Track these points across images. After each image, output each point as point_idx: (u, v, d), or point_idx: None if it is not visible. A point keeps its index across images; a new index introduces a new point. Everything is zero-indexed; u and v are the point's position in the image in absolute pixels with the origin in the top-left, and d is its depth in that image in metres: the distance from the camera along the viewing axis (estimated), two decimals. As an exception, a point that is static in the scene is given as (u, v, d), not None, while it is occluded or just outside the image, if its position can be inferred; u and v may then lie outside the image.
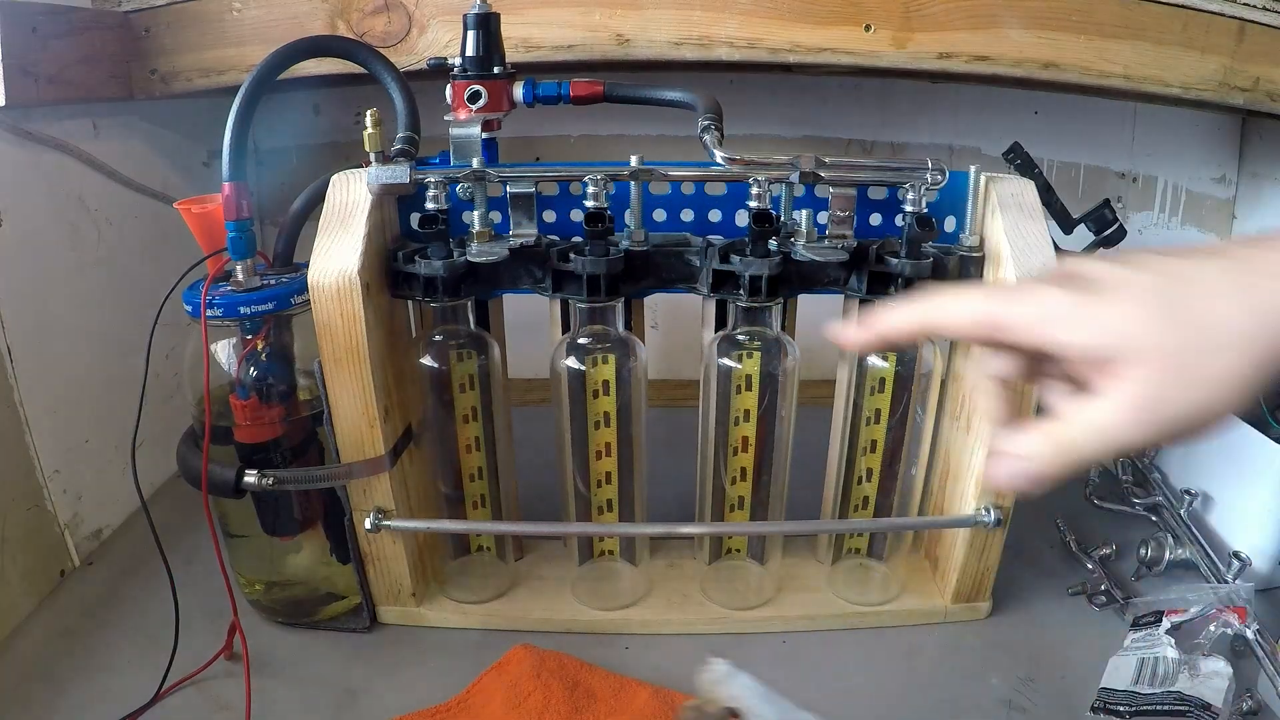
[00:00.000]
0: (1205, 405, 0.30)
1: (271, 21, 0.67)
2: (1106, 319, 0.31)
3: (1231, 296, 0.29)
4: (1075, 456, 0.32)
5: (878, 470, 0.55)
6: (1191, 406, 0.30)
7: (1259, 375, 0.29)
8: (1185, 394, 0.30)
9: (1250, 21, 0.68)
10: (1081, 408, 0.31)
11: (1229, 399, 0.29)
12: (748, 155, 0.48)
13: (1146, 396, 0.30)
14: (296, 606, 0.57)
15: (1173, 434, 0.30)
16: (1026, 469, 0.32)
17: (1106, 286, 0.31)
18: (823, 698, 0.51)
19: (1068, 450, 0.32)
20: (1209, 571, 0.57)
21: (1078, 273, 0.32)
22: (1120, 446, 0.31)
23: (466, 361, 0.53)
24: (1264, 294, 0.29)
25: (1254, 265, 0.30)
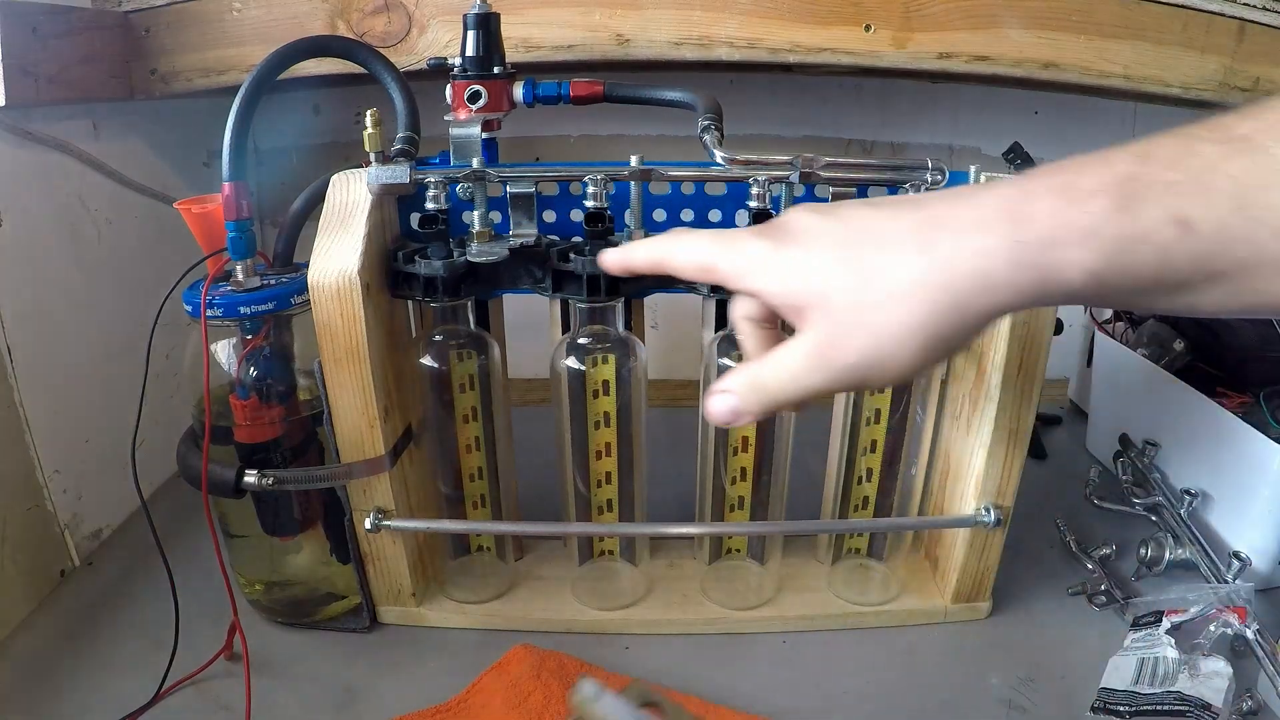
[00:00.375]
0: (880, 353, 0.30)
1: (271, 21, 0.67)
2: (794, 268, 0.32)
3: (911, 248, 0.30)
4: (765, 395, 0.33)
5: (878, 470, 0.55)
6: (866, 354, 0.30)
7: (937, 326, 0.29)
8: (859, 341, 0.30)
9: (1250, 21, 0.68)
10: (775, 350, 0.33)
11: (906, 349, 0.30)
12: (748, 155, 0.48)
13: (822, 343, 0.31)
14: (296, 606, 0.57)
15: (852, 380, 0.31)
16: (728, 403, 0.34)
17: (800, 237, 0.32)
18: (823, 698, 0.51)
19: (759, 389, 0.33)
20: (1209, 571, 0.57)
21: (782, 223, 0.33)
22: (804, 389, 0.32)
23: (466, 361, 0.53)
24: (944, 248, 0.29)
25: (941, 219, 0.30)
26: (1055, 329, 0.48)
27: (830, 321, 0.31)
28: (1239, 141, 0.26)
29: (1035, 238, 0.28)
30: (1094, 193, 0.27)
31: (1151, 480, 0.67)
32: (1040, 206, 0.28)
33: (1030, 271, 0.28)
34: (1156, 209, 0.26)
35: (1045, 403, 0.91)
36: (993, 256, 0.28)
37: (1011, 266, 0.28)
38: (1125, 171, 0.27)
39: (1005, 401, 0.49)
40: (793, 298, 0.32)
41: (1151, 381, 0.70)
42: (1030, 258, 0.28)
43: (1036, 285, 0.28)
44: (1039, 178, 0.29)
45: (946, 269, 0.29)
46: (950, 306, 0.29)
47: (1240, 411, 0.61)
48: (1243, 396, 0.66)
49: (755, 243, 0.33)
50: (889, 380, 0.31)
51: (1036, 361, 0.48)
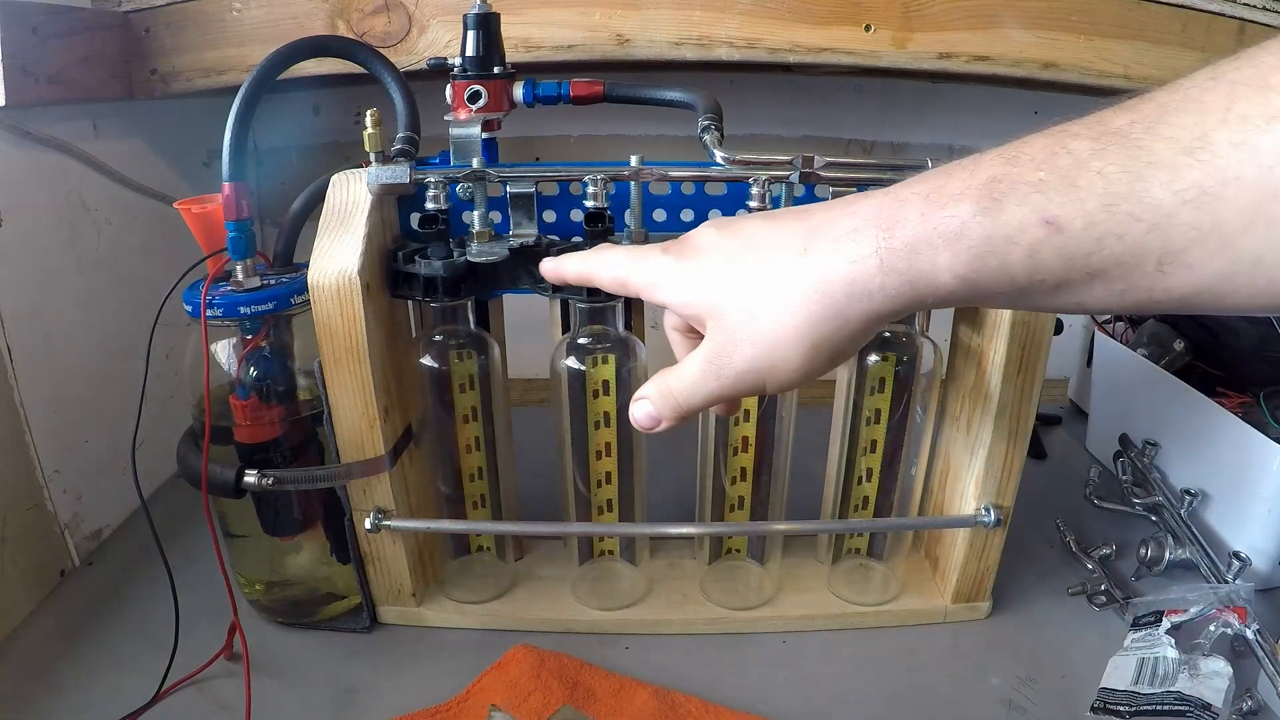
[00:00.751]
0: (768, 359, 0.31)
1: (271, 21, 0.67)
2: (692, 281, 0.33)
3: (792, 258, 0.31)
4: (674, 401, 0.35)
5: (878, 470, 0.55)
6: (755, 360, 0.32)
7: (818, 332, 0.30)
8: (747, 349, 0.32)
9: (1250, 21, 0.68)
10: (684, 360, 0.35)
11: (791, 355, 0.31)
12: (748, 155, 0.48)
13: (716, 351, 0.33)
14: (296, 606, 0.57)
15: (745, 386, 0.33)
16: (646, 409, 0.36)
17: (699, 252, 0.34)
18: (823, 698, 0.51)
19: (667, 395, 0.35)
20: (1209, 571, 0.57)
21: (686, 239, 0.35)
22: (705, 395, 0.34)
23: (466, 361, 0.53)
24: (820, 256, 0.30)
25: (819, 228, 0.31)
26: (1055, 329, 0.48)
27: (722, 331, 0.32)
28: (1112, 136, 0.25)
29: (902, 243, 0.28)
30: (958, 196, 0.27)
31: (1151, 480, 0.67)
32: (908, 212, 0.28)
33: (899, 276, 0.28)
34: (1022, 209, 0.26)
35: (1045, 403, 0.91)
36: (863, 263, 0.29)
37: (883, 273, 0.29)
38: (991, 173, 0.27)
39: (1005, 401, 0.49)
40: (692, 309, 0.34)
41: (1151, 381, 0.70)
42: (898, 263, 0.28)
43: (907, 289, 0.29)
44: (912, 184, 0.29)
45: (823, 277, 0.30)
46: (829, 314, 0.30)
47: (1240, 411, 0.61)
48: (1243, 396, 0.66)
49: (661, 259, 0.35)
50: (782, 385, 0.33)
51: (1036, 361, 0.48)
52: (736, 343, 0.32)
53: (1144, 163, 0.24)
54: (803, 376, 0.32)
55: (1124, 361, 0.74)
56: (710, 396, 0.34)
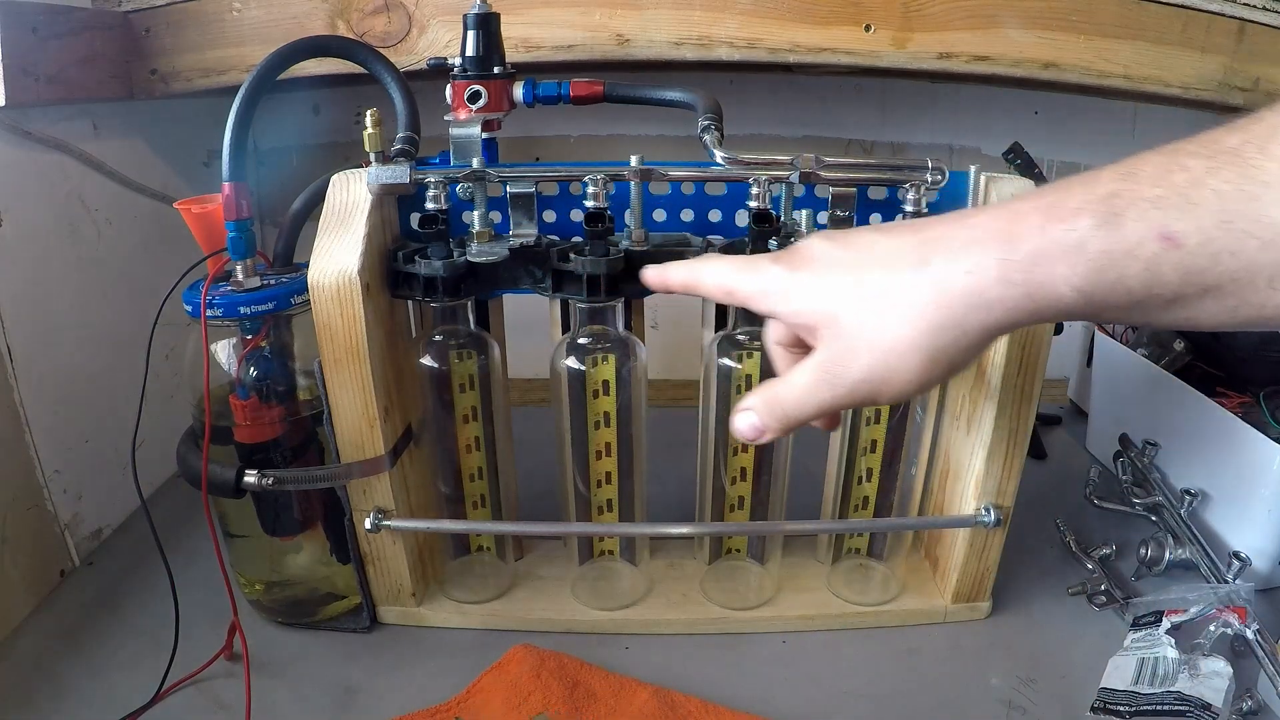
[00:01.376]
0: (884, 369, 0.32)
1: (271, 21, 0.67)
2: (806, 293, 0.34)
3: (910, 269, 0.31)
4: (781, 411, 0.35)
5: (878, 470, 0.55)
6: (871, 370, 0.32)
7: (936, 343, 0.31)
8: (864, 359, 0.32)
9: (1250, 21, 0.68)
10: (792, 370, 0.35)
11: (908, 364, 0.31)
12: (748, 155, 0.48)
13: (830, 360, 0.33)
14: (296, 606, 0.57)
15: (860, 396, 0.33)
16: (749, 420, 0.36)
17: (812, 262, 0.34)
18: (823, 698, 0.51)
19: (774, 405, 0.35)
20: (1209, 571, 0.57)
21: (797, 249, 0.35)
22: (816, 405, 0.34)
23: (466, 361, 0.53)
24: (939, 267, 0.31)
25: (937, 240, 0.31)
26: (1055, 329, 0.48)
27: (837, 340, 0.33)
28: (1226, 155, 0.26)
29: (1022, 255, 0.29)
30: (1078, 210, 0.28)
31: (1151, 480, 0.67)
32: (1028, 225, 0.29)
33: (1018, 288, 0.29)
34: (1141, 224, 0.27)
35: (1045, 403, 0.91)
36: (983, 274, 0.29)
37: (1002, 284, 0.29)
38: (1110, 189, 0.28)
39: (1005, 401, 0.49)
40: (804, 318, 0.34)
41: (1151, 381, 0.70)
42: (1019, 275, 0.29)
43: (1027, 302, 0.29)
44: (1029, 199, 0.30)
45: (941, 287, 0.30)
46: (947, 324, 0.30)
47: (1240, 411, 0.61)
48: (1243, 396, 0.66)
49: (772, 268, 0.35)
50: (896, 396, 0.33)
51: (1036, 361, 0.48)
52: (853, 352, 0.32)
53: (1258, 182, 0.25)
54: (917, 387, 0.32)
55: (1124, 361, 0.74)
56: (822, 406, 0.34)
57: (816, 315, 0.33)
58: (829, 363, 0.33)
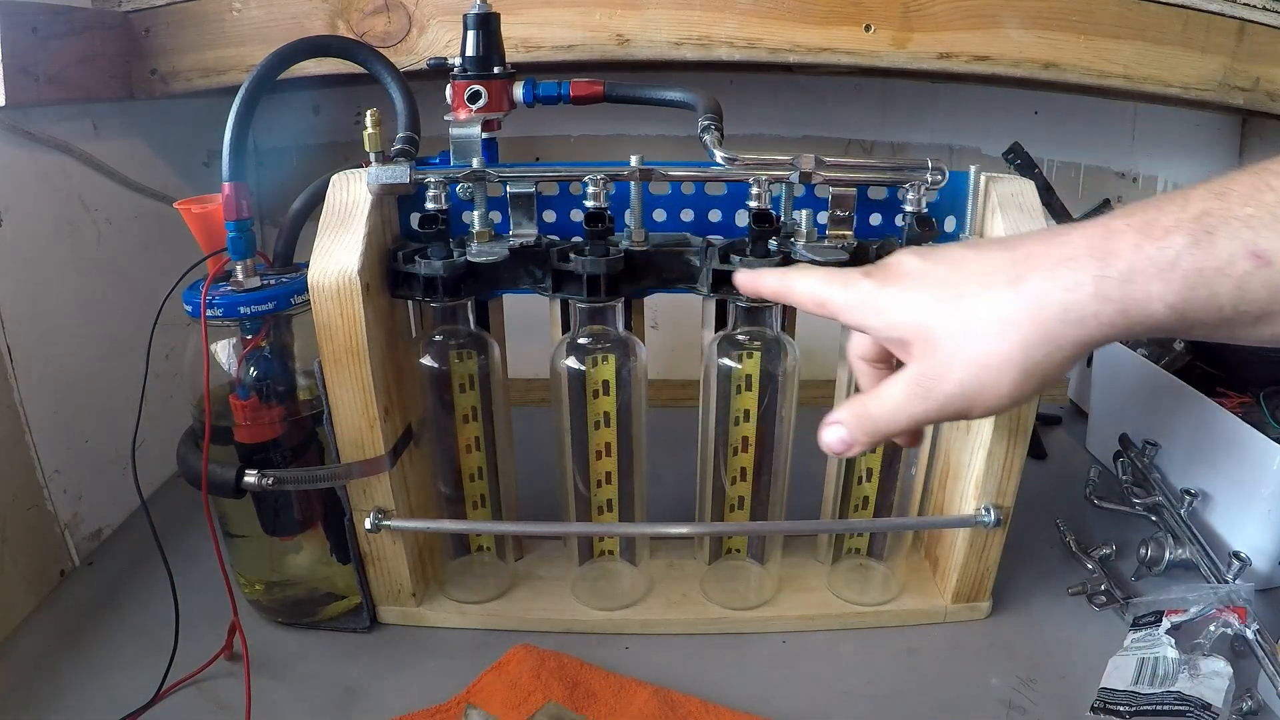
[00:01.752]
0: (979, 383, 0.32)
1: (271, 21, 0.67)
2: (899, 307, 0.34)
3: (1003, 285, 0.32)
4: (871, 425, 0.36)
5: (878, 470, 0.56)
6: (965, 384, 0.33)
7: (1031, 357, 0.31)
8: (959, 373, 0.33)
9: (1250, 21, 0.68)
10: (883, 384, 0.35)
11: (1003, 379, 0.32)
12: (748, 155, 0.48)
13: (924, 374, 0.34)
14: (296, 606, 0.57)
15: (953, 409, 0.34)
16: (838, 434, 0.37)
17: (906, 278, 0.35)
18: (823, 698, 0.51)
19: (864, 419, 0.36)
20: (1209, 571, 0.57)
21: (892, 264, 0.36)
22: (908, 418, 0.35)
23: (466, 361, 0.53)
24: (1034, 283, 0.31)
25: (1032, 256, 0.32)
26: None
27: (931, 355, 0.33)
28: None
29: (1117, 272, 0.29)
30: (1171, 229, 0.29)
31: (1151, 480, 0.67)
32: (1122, 243, 0.30)
33: (1114, 304, 0.30)
34: (1232, 243, 0.28)
35: (1045, 403, 0.91)
36: (1079, 290, 0.30)
37: (1097, 300, 0.30)
38: (1201, 208, 0.29)
39: (1005, 401, 0.49)
40: (897, 332, 0.34)
41: (1151, 381, 0.70)
42: (1113, 291, 0.29)
43: (1120, 317, 0.30)
44: (1122, 216, 0.31)
45: (1037, 303, 0.31)
46: (1042, 339, 0.31)
47: (1240, 411, 0.61)
48: (1243, 396, 0.66)
49: (864, 282, 0.36)
50: (988, 410, 0.33)
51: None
52: (947, 366, 0.33)
53: None
54: (1010, 401, 0.33)
55: (1124, 361, 0.74)
56: (914, 419, 0.35)
57: (910, 330, 0.34)
58: (922, 377, 0.34)
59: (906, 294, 0.34)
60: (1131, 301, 0.29)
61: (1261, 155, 0.31)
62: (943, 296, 0.33)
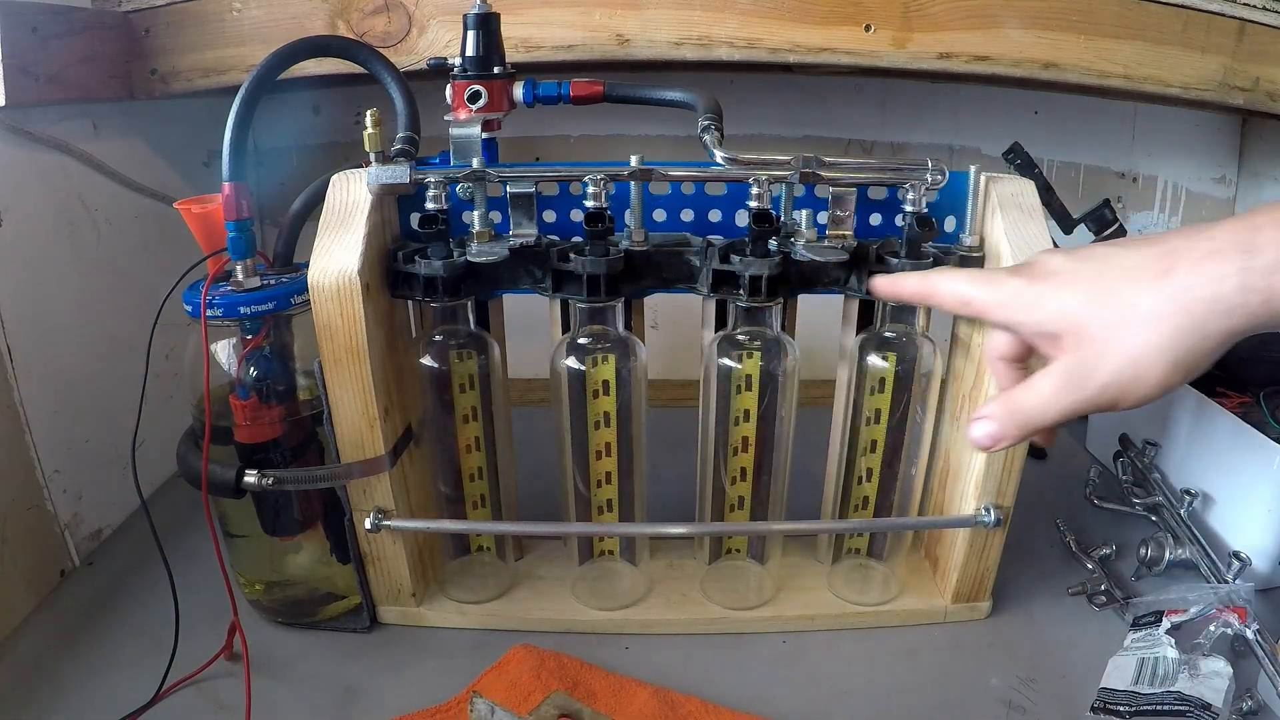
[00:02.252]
0: (1131, 373, 0.34)
1: (271, 21, 0.67)
2: (1050, 303, 0.36)
3: (1151, 278, 0.33)
4: (1023, 418, 0.37)
5: (878, 470, 0.55)
6: (1117, 374, 0.34)
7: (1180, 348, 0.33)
8: (1111, 363, 0.34)
9: (1250, 21, 0.68)
10: (1032, 378, 0.37)
11: (1154, 369, 0.33)
12: (748, 155, 0.48)
13: (1076, 367, 0.35)
14: (296, 606, 0.57)
15: (1104, 400, 0.35)
16: (987, 429, 0.38)
17: (1054, 275, 0.36)
18: (823, 698, 0.51)
19: (1016, 413, 0.37)
20: (1209, 571, 0.57)
21: (1037, 263, 0.37)
22: (1060, 410, 0.36)
23: (466, 361, 0.53)
24: (1182, 275, 0.33)
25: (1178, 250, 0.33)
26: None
27: (1083, 347, 0.34)
28: None
29: (1262, 264, 0.31)
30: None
31: (1151, 480, 0.67)
32: (1266, 236, 0.31)
33: (1259, 295, 0.31)
34: None
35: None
36: (1225, 282, 0.31)
37: (1242, 291, 0.31)
38: None
39: (1005, 401, 0.49)
40: (1048, 326, 0.36)
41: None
42: (1258, 282, 0.31)
43: (1265, 307, 0.31)
44: (1264, 212, 0.32)
45: (1185, 295, 0.32)
46: (1190, 329, 0.32)
47: (1240, 411, 0.61)
48: (1243, 396, 0.66)
49: (1013, 280, 0.37)
50: (1138, 400, 0.34)
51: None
52: (1100, 357, 0.34)
53: None
54: (1160, 390, 0.34)
55: (1124, 361, 0.74)
56: (1065, 411, 0.36)
57: (1061, 324, 0.35)
58: (1076, 368, 0.35)
59: (1057, 290, 0.36)
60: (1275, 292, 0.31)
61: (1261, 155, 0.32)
62: (1093, 291, 0.34)
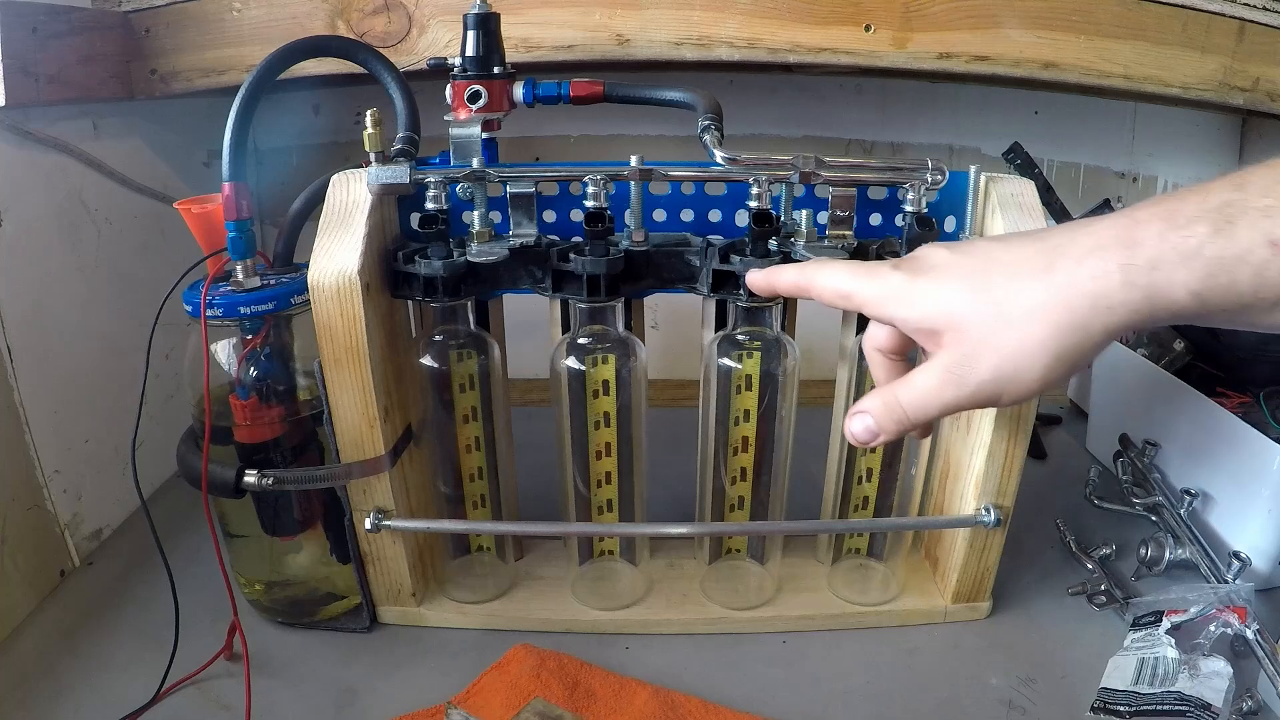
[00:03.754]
0: (1011, 369, 0.33)
1: (271, 21, 0.67)
2: (929, 297, 0.35)
3: (1033, 275, 0.33)
4: (901, 413, 0.37)
5: (878, 470, 0.56)
6: (998, 370, 0.34)
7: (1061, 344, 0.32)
8: (991, 359, 0.34)
9: (1250, 21, 0.68)
10: (911, 373, 0.36)
11: (1035, 365, 0.33)
12: (748, 155, 0.48)
13: (956, 362, 0.34)
14: (296, 606, 0.57)
15: (984, 396, 0.35)
16: (865, 423, 0.37)
17: (934, 269, 0.36)
18: (823, 698, 0.51)
19: (894, 408, 0.37)
20: (1209, 571, 0.57)
21: (920, 257, 0.37)
22: (939, 406, 0.36)
23: (466, 361, 0.53)
24: (1064, 272, 0.32)
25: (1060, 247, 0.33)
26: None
27: (964, 342, 0.34)
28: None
29: (1144, 260, 0.31)
30: (1194, 218, 0.30)
31: (1151, 480, 0.67)
32: (1148, 232, 0.31)
33: (1140, 291, 0.31)
34: (1251, 232, 0.29)
35: (1045, 403, 0.91)
36: (1106, 278, 0.31)
37: (1124, 287, 0.31)
38: (1222, 199, 0.30)
39: (1005, 401, 0.49)
40: (928, 322, 0.35)
41: (1151, 381, 0.70)
42: (1140, 278, 0.31)
43: (1146, 304, 0.31)
44: (1146, 207, 0.32)
45: (1066, 290, 0.32)
46: (1071, 326, 0.32)
47: (1240, 411, 0.61)
48: (1243, 396, 0.66)
49: (893, 274, 0.37)
50: (1019, 396, 0.34)
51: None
52: (980, 353, 0.34)
53: None
54: (1041, 386, 0.34)
55: (1124, 361, 0.74)
56: (945, 407, 0.35)
57: (941, 319, 0.35)
58: (955, 365, 0.34)
59: (937, 285, 0.35)
60: (1155, 289, 0.30)
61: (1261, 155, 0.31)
62: (974, 286, 0.34)
